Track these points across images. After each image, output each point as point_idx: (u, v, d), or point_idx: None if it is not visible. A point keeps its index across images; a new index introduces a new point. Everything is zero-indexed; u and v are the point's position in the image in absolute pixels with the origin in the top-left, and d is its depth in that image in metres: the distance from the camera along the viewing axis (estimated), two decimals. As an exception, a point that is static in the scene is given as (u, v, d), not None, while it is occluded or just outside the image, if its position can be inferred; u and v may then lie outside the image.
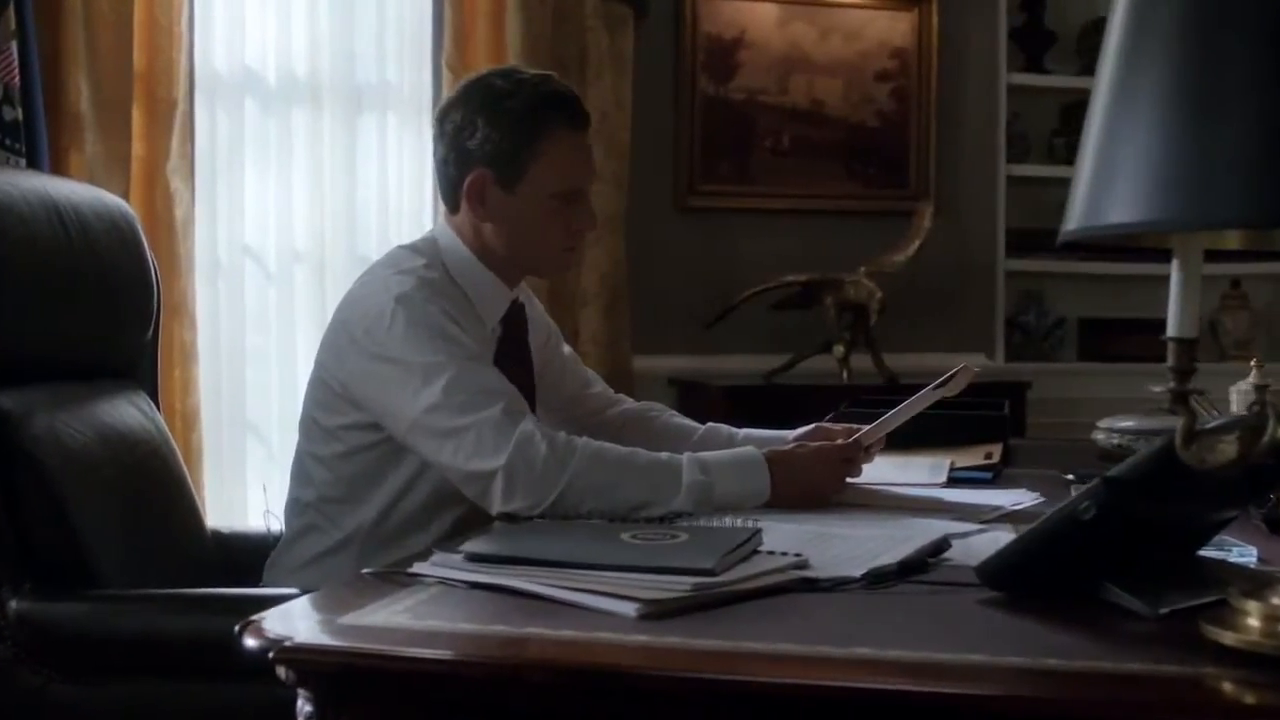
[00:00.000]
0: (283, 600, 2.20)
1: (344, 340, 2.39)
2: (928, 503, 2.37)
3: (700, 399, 4.61)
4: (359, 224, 4.51)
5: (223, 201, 4.32)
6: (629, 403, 2.81)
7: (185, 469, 2.76)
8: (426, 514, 2.43)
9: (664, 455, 2.24)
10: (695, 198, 4.98)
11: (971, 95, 5.26)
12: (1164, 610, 1.55)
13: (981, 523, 2.17)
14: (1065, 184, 4.94)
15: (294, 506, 2.54)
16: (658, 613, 1.52)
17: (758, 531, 1.86)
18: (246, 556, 2.70)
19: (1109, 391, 5.25)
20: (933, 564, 1.84)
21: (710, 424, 2.75)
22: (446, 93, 4.48)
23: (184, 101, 4.10)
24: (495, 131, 2.41)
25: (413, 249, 2.50)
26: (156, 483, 2.56)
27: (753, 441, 2.67)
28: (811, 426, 2.65)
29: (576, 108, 2.48)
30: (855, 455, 2.42)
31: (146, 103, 4.03)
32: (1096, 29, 5.33)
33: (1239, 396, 3.10)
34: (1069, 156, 5.31)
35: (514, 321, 2.57)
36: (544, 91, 2.45)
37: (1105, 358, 5.40)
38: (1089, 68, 5.36)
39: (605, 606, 1.54)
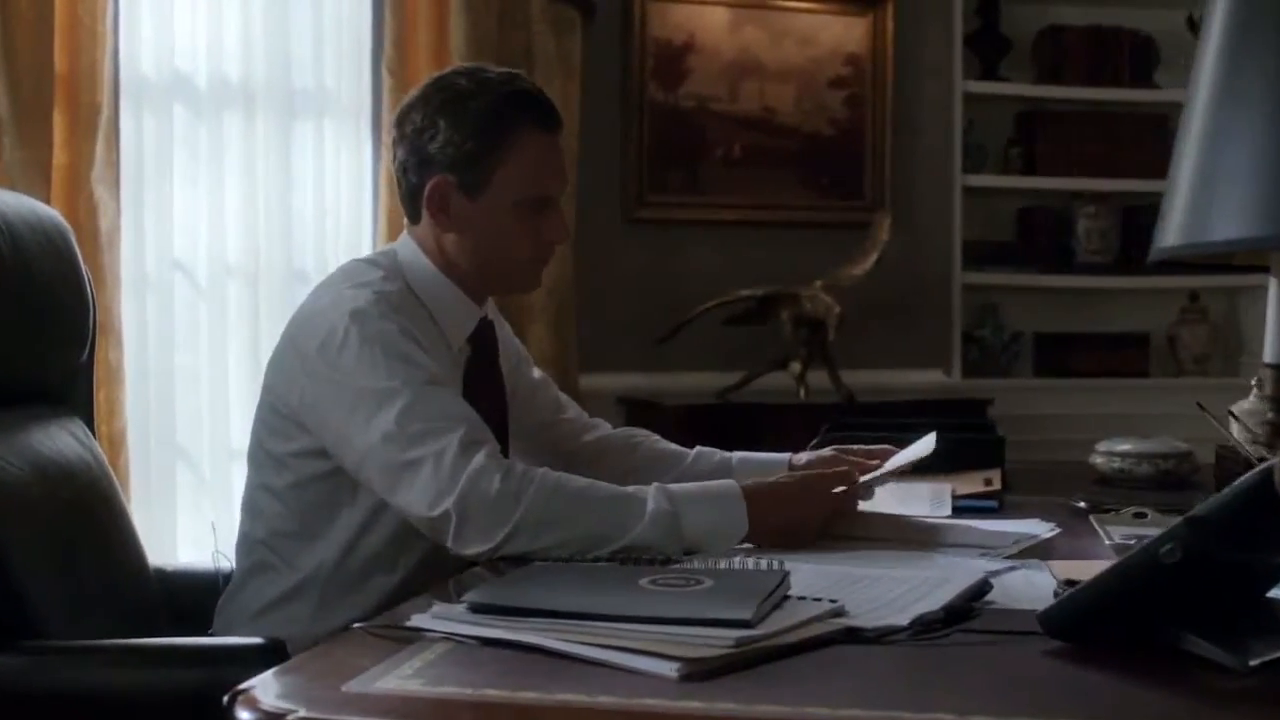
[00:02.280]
0: (247, 652, 2.02)
1: (293, 359, 2.19)
2: (939, 535, 2.20)
3: (651, 419, 4.39)
4: (295, 236, 4.29)
5: (150, 212, 4.07)
6: (606, 428, 2.62)
7: (125, 502, 2.53)
8: (393, 550, 2.23)
9: (630, 487, 2.06)
10: (644, 209, 4.80)
11: (927, 103, 5.11)
12: (1254, 663, 1.39)
13: (1005, 557, 2.02)
14: (1021, 195, 4.88)
15: (244, 543, 2.33)
16: (700, 672, 1.35)
17: (786, 575, 1.69)
18: (193, 597, 2.49)
19: (1068, 408, 5.15)
20: (977, 609, 1.68)
21: (700, 448, 2.55)
22: (387, 97, 4.31)
23: (109, 106, 3.85)
24: (458, 134, 2.22)
25: (370, 262, 2.30)
26: (96, 519, 2.33)
27: (748, 466, 2.49)
28: (828, 451, 2.46)
29: (546, 108, 2.29)
30: (850, 489, 2.22)
31: (68, 107, 3.79)
32: (1052, 35, 5.23)
33: (1242, 416, 2.94)
34: (1025, 167, 5.20)
35: (483, 341, 2.37)
36: (510, 90, 2.26)
37: (1062, 373, 5.27)
38: (1044, 75, 5.27)
39: (642, 666, 1.37)
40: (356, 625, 1.56)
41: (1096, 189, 5.21)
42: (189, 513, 4.15)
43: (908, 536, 2.18)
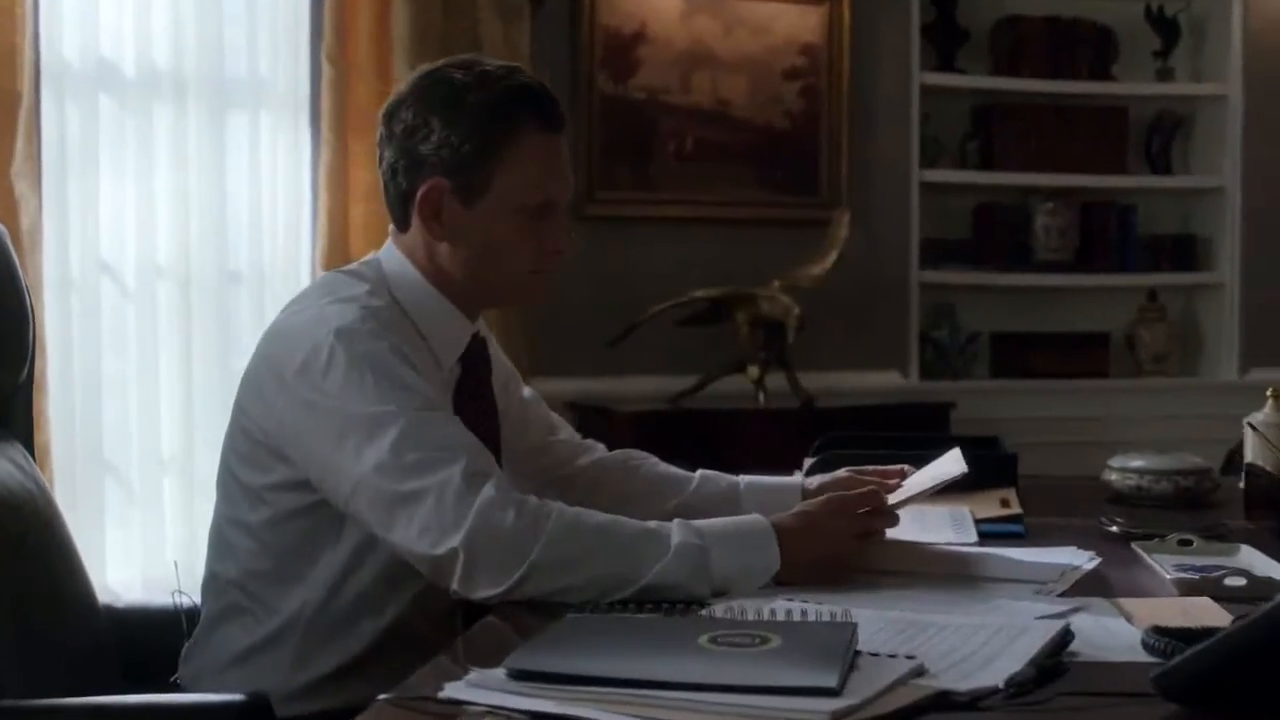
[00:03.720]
0: (227, 712, 1.80)
1: (270, 382, 1.97)
2: (981, 568, 2.02)
3: (603, 426, 4.20)
4: (229, 235, 4.03)
5: (74, 209, 3.81)
6: (601, 450, 2.41)
7: (70, 534, 2.29)
8: (382, 590, 2.02)
9: (652, 523, 1.87)
10: (594, 205, 4.58)
11: (883, 95, 4.94)
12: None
13: (1059, 594, 1.87)
14: (978, 191, 4.73)
15: (212, 584, 2.10)
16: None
17: (855, 628, 1.51)
18: (147, 639, 2.26)
19: (1027, 410, 5.01)
20: (1065, 664, 1.52)
21: (703, 472, 2.35)
22: (326, 88, 4.07)
23: (29, 95, 3.59)
24: (454, 134, 2.01)
25: (353, 273, 2.09)
26: (44, 557, 2.09)
27: (756, 492, 2.31)
28: (842, 472, 2.28)
29: (549, 105, 2.07)
30: (878, 514, 2.04)
31: (-15, 96, 3.53)
32: (1010, 26, 5.09)
33: (1261, 428, 2.79)
34: (982, 162, 5.05)
35: (474, 360, 2.16)
36: (511, 86, 2.04)
37: (1020, 374, 5.12)
38: (1001, 66, 5.11)
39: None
40: (383, 697, 1.35)
41: (1055, 185, 5.07)
42: (118, 528, 3.91)
43: (947, 569, 2.02)
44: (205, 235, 3.99)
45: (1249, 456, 2.78)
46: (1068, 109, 5.14)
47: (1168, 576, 1.93)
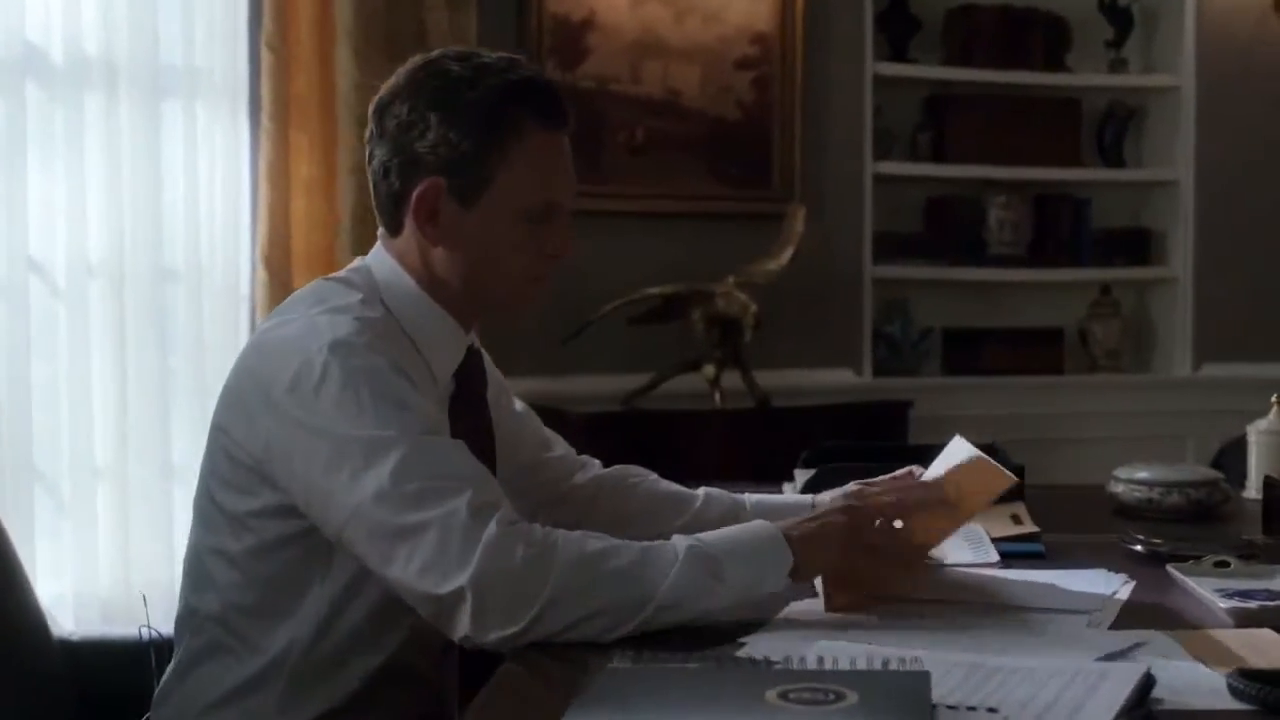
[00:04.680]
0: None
1: (255, 400, 1.81)
2: (1019, 596, 1.91)
3: (556, 428, 4.00)
4: (165, 231, 3.82)
5: (0, 205, 3.60)
6: (597, 466, 2.27)
7: (17, 554, 2.11)
8: (375, 626, 1.87)
9: (655, 543, 1.73)
10: (541, 199, 4.41)
11: (836, 85, 4.80)
12: None
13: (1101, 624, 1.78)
14: (929, 183, 4.61)
15: (189, 620, 1.93)
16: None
17: (929, 677, 1.38)
18: (107, 675, 2.10)
19: (982, 407, 4.92)
20: (1155, 714, 1.41)
21: (707, 490, 2.21)
22: (266, 77, 3.88)
23: (-49, 84, 3.39)
24: (453, 131, 1.86)
25: (343, 281, 1.93)
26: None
27: (764, 510, 2.19)
28: (852, 488, 2.15)
29: (554, 99, 1.93)
30: (915, 537, 1.92)
31: (-98, 84, 3.32)
32: (963, 15, 4.99)
33: (1258, 438, 2.71)
34: (933, 153, 4.95)
35: (469, 373, 2.01)
36: (513, 79, 1.89)
37: (973, 370, 5.02)
38: (954, 56, 5.01)
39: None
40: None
41: (1008, 177, 4.97)
42: (48, 540, 3.70)
43: (987, 599, 1.90)
44: (139, 231, 3.77)
45: (1256, 465, 2.70)
46: (1021, 100, 5.05)
47: (1222, 605, 1.82)
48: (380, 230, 1.97)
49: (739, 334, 4.35)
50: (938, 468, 2.09)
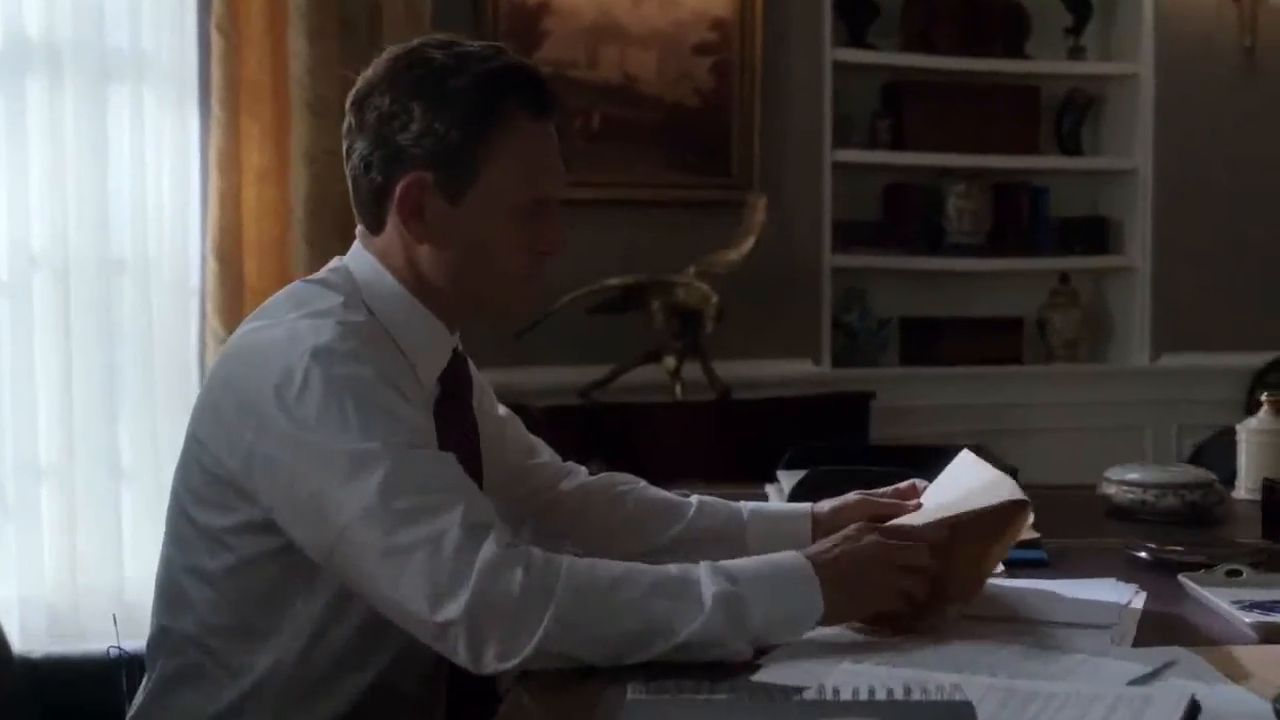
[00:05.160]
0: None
1: (232, 410, 1.71)
2: (1036, 610, 1.84)
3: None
4: (111, 220, 3.71)
5: (-61, 194, 3.48)
6: (583, 473, 2.17)
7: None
8: (364, 643, 1.78)
9: (674, 567, 1.64)
10: (496, 186, 4.31)
11: (796, 72, 4.73)
12: None
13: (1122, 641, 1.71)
14: (888, 171, 4.53)
15: (163, 641, 1.82)
16: None
17: (971, 708, 1.32)
18: (71, 696, 1.98)
19: (941, 398, 4.88)
20: None
21: (701, 498, 2.13)
22: (216, 61, 3.75)
23: (-114, 67, 3.26)
24: (438, 121, 1.76)
25: (322, 283, 1.83)
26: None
27: (762, 520, 2.10)
28: (853, 496, 2.07)
29: (541, 88, 1.84)
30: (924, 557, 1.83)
31: None
32: (922, 1, 4.93)
33: (1248, 438, 2.66)
34: (892, 141, 4.89)
35: (455, 378, 1.92)
36: (499, 68, 1.80)
37: (932, 360, 4.97)
38: (913, 43, 4.94)
39: None
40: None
41: (967, 165, 4.92)
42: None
43: (1001, 611, 1.83)
44: (84, 221, 3.67)
45: (1246, 465, 2.65)
46: (979, 87, 4.99)
47: (1246, 620, 1.76)
48: (360, 228, 1.87)
49: (699, 325, 4.27)
50: (945, 484, 2.01)
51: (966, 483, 1.96)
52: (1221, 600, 1.85)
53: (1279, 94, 5.13)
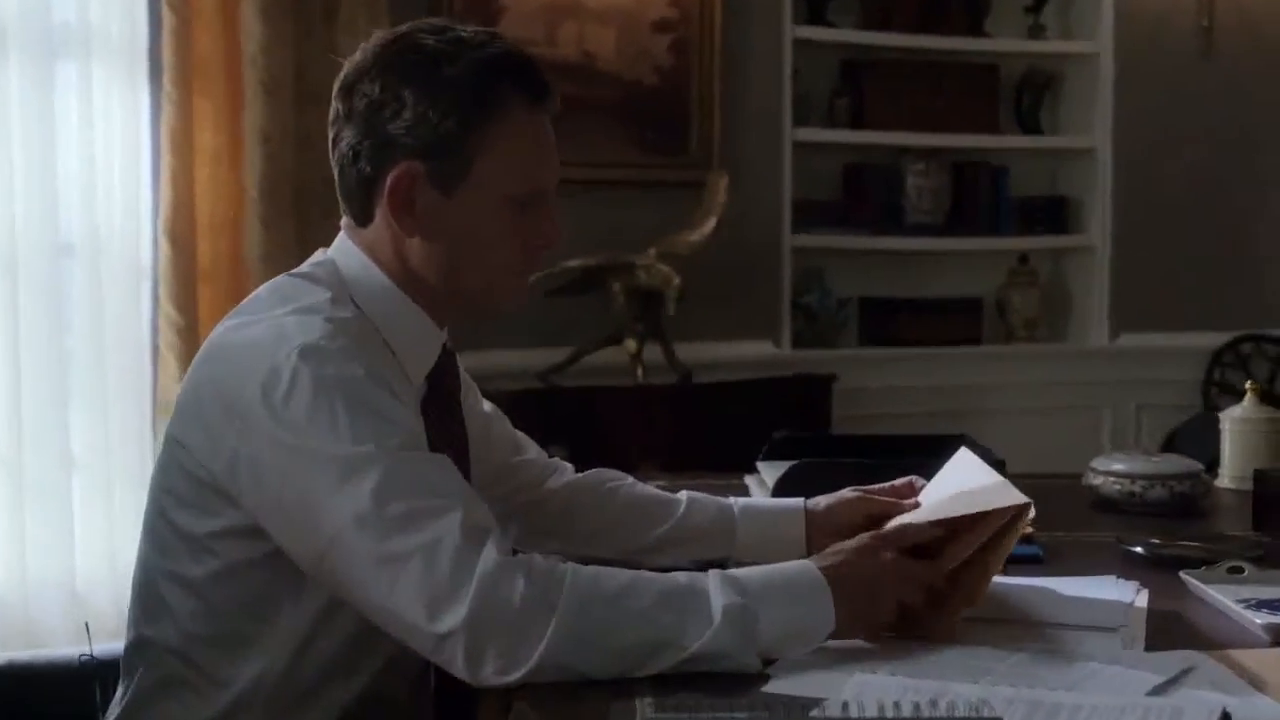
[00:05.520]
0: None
1: (216, 411, 1.63)
2: (1043, 610, 1.80)
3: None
4: (60, 202, 3.61)
5: (-121, 175, 3.37)
6: (569, 470, 2.11)
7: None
8: (353, 652, 1.70)
9: (683, 575, 1.57)
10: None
11: (755, 49, 4.66)
12: None
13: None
14: (848, 150, 4.45)
15: (141, 651, 1.74)
16: None
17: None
18: (40, 705, 1.90)
19: (898, 379, 4.85)
20: None
21: (690, 495, 2.06)
22: (168, 36, 3.65)
23: None
24: (432, 110, 1.68)
25: (308, 278, 1.75)
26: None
27: (754, 516, 2.04)
28: (848, 493, 2.02)
29: (538, 76, 1.76)
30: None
31: None
32: (882, -25, 4.87)
33: (1232, 426, 2.63)
34: (851, 120, 4.84)
35: (443, 375, 1.85)
36: (495, 55, 1.72)
37: (892, 341, 4.93)
38: (871, 20, 4.89)
39: None
40: None
41: (926, 144, 4.88)
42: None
43: (1008, 614, 1.78)
44: (32, 203, 3.58)
45: (1230, 454, 2.62)
46: (939, 65, 4.95)
47: (1256, 620, 1.72)
48: (346, 220, 1.80)
49: (661, 307, 4.22)
50: (943, 483, 1.96)
51: (965, 483, 1.91)
52: (1226, 599, 1.81)
53: (1237, 74, 5.12)
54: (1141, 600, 1.85)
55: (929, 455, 2.57)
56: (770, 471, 2.50)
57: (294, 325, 1.63)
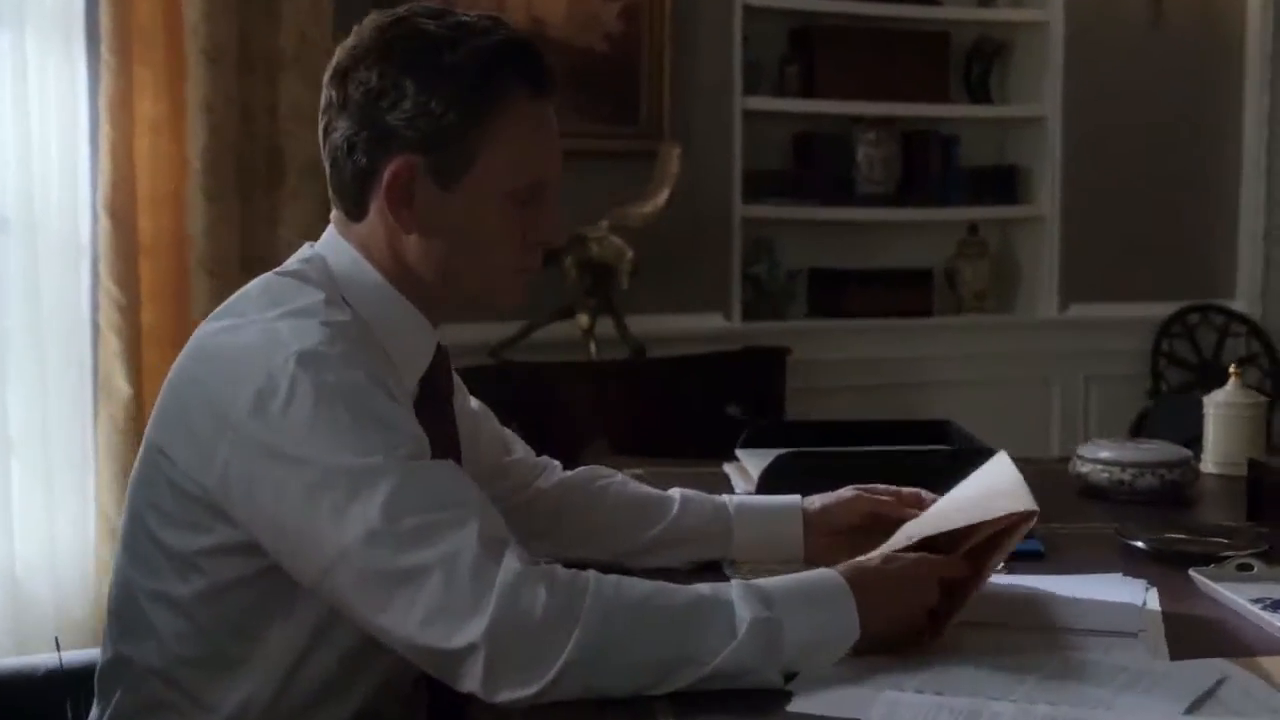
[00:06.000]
0: None
1: (206, 420, 1.54)
2: (1056, 615, 1.74)
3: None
4: (-7, 178, 3.47)
5: None
6: (558, 468, 2.03)
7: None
8: (346, 673, 1.62)
9: (706, 586, 1.50)
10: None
11: (705, 16, 4.57)
12: None
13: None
14: (797, 119, 4.37)
15: (120, 671, 1.65)
16: None
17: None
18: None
19: (849, 351, 4.81)
20: None
21: (683, 492, 1.99)
22: (105, 4, 3.51)
23: None
24: (434, 100, 1.60)
25: (298, 276, 1.65)
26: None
27: (750, 514, 1.98)
28: (847, 492, 1.96)
29: (542, 64, 1.68)
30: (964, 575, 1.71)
31: None
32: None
33: (1215, 410, 2.59)
34: (801, 88, 4.77)
35: (436, 376, 1.77)
36: (499, 43, 1.63)
37: (839, 313, 4.87)
38: (821, -15, 4.81)
39: None
40: None
41: (876, 113, 4.81)
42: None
43: (1023, 620, 1.72)
44: (-36, 179, 3.43)
45: (1213, 438, 2.58)
46: (890, 33, 4.87)
47: (1277, 623, 1.68)
48: (335, 214, 1.70)
49: (613, 281, 4.14)
50: (969, 486, 1.89)
51: (982, 488, 1.85)
52: (1240, 598, 1.77)
53: (1186, 43, 5.10)
54: (1153, 601, 1.81)
55: (911, 440, 2.55)
56: (751, 460, 2.44)
57: (289, 330, 1.54)
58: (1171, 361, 5.09)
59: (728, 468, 2.53)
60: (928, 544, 1.70)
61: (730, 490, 2.35)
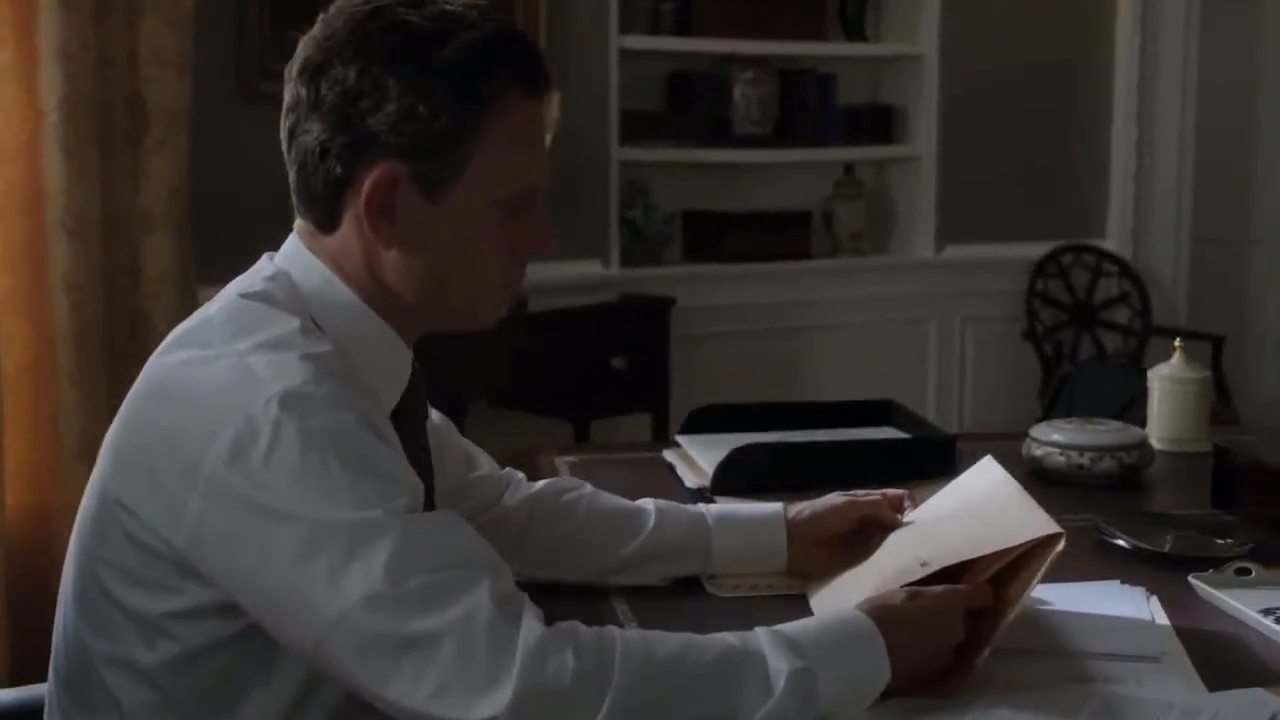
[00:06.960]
0: None
1: (173, 469, 1.36)
2: (1069, 638, 1.66)
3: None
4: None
5: None
6: (523, 481, 1.88)
7: None
8: (334, 733, 1.46)
9: (731, 637, 1.37)
10: (266, 82, 3.84)
11: (580, -49, 4.41)
12: None
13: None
14: (674, 58, 4.24)
15: (72, 742, 1.47)
16: None
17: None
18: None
19: (726, 296, 4.72)
20: None
21: (657, 503, 1.85)
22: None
23: None
24: (422, 103, 1.42)
25: (264, 297, 1.46)
26: None
27: (730, 526, 1.85)
28: (836, 498, 1.85)
29: (535, 60, 1.50)
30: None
31: None
32: None
33: (1160, 385, 2.53)
34: (678, 26, 4.63)
35: (410, 398, 1.59)
36: (490, 36, 1.46)
37: (717, 257, 4.76)
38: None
39: None
40: None
41: (753, 51, 4.69)
42: None
43: (1036, 643, 1.63)
44: None
45: (1158, 413, 2.52)
46: (765, -31, 4.76)
47: (1294, 637, 1.62)
48: (301, 224, 1.52)
49: (495, 232, 3.97)
50: (959, 493, 1.80)
51: (987, 504, 1.75)
52: (1247, 609, 1.71)
53: (1066, -20, 5.07)
54: (1158, 613, 1.74)
55: (854, 421, 2.45)
56: (696, 448, 2.32)
57: (266, 366, 1.36)
58: (1046, 301, 5.09)
59: (668, 454, 2.40)
60: (943, 572, 1.61)
61: (677, 479, 2.26)
